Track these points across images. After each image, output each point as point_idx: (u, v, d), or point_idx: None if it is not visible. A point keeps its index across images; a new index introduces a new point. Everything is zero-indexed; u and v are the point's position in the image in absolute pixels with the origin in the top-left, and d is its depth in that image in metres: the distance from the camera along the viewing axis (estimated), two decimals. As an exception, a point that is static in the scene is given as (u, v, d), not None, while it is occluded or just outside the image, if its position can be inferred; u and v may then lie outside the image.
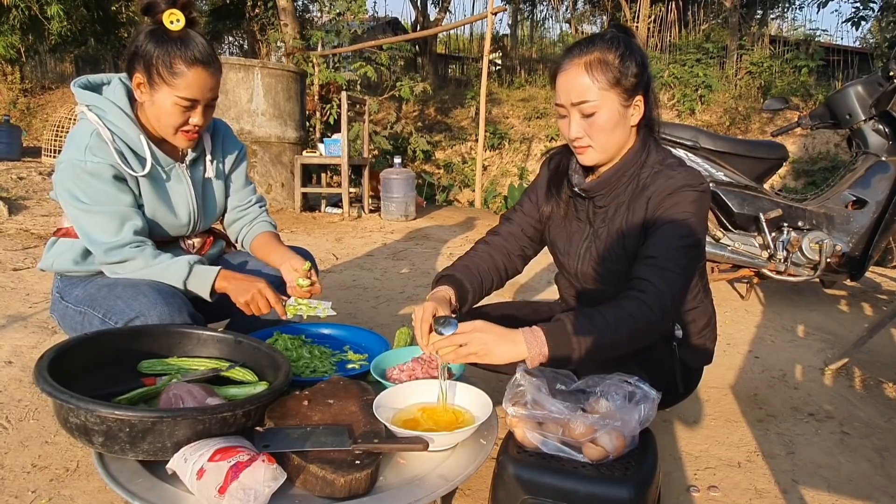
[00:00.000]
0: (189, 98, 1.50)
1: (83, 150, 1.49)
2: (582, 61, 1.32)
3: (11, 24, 8.97)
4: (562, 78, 1.36)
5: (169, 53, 1.47)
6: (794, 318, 3.09)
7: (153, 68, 1.48)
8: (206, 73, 1.50)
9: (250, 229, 1.89)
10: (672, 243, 1.29)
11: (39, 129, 9.80)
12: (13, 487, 1.39)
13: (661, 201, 1.34)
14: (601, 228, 1.46)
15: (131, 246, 1.53)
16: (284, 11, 8.24)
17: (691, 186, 1.33)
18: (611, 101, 1.32)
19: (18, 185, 5.48)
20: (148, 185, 1.60)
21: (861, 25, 8.71)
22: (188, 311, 1.55)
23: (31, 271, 3.16)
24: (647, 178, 1.39)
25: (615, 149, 1.39)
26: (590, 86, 1.31)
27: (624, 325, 1.20)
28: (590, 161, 1.41)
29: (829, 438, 1.83)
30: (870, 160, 3.12)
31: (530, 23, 14.24)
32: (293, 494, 1.03)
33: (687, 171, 1.36)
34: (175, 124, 1.54)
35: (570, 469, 1.12)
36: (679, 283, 1.27)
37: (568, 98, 1.35)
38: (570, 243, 1.54)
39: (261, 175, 6.04)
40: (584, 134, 1.36)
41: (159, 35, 1.48)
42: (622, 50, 1.32)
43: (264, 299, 1.56)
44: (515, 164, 8.44)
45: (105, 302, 1.54)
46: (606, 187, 1.43)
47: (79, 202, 1.51)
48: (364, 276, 3.64)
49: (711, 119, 7.75)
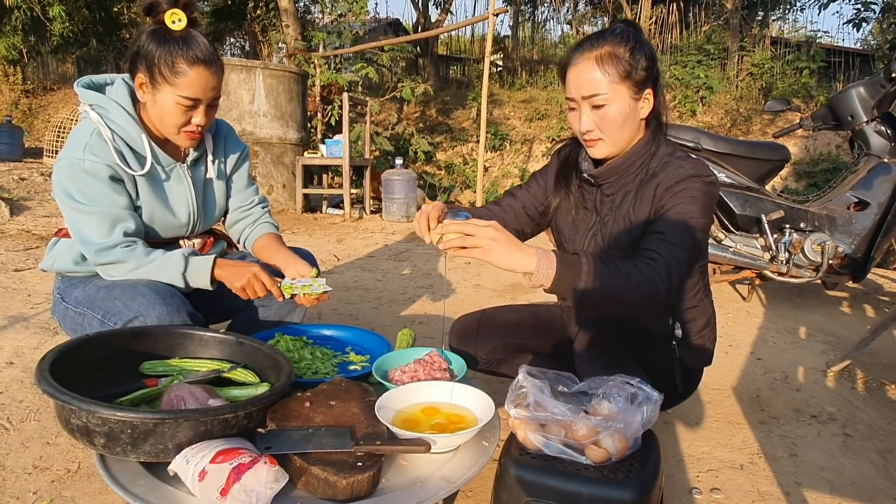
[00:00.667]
0: (191, 97, 1.50)
1: (82, 148, 1.50)
2: (592, 55, 1.34)
3: (13, 24, 8.99)
4: (572, 72, 1.37)
5: (171, 53, 1.47)
6: (796, 319, 3.08)
7: (155, 68, 1.48)
8: (207, 72, 1.51)
9: (253, 230, 1.89)
10: (679, 222, 1.30)
11: (41, 130, 9.82)
12: (14, 488, 1.39)
13: (670, 187, 1.35)
14: (608, 217, 1.47)
15: (122, 246, 1.53)
16: (286, 13, 8.24)
17: (699, 177, 1.35)
18: (621, 94, 1.34)
19: (20, 185, 5.48)
20: (147, 185, 1.60)
21: (862, 27, 8.71)
22: (187, 310, 1.54)
23: (33, 272, 3.16)
24: (655, 168, 1.40)
25: (625, 142, 1.41)
26: (601, 79, 1.33)
27: (634, 280, 1.19)
28: (600, 154, 1.42)
29: (831, 440, 1.82)
30: (872, 162, 3.11)
31: (531, 24, 14.25)
32: (295, 496, 1.03)
33: (696, 162, 1.38)
34: (177, 124, 1.54)
35: (572, 471, 1.11)
36: (685, 259, 1.27)
37: (579, 91, 1.36)
38: (575, 231, 1.55)
39: (262, 176, 6.05)
40: (594, 127, 1.37)
41: (161, 35, 1.48)
42: (632, 44, 1.34)
43: (260, 283, 1.57)
44: (517, 166, 8.43)
45: (104, 303, 1.54)
46: (615, 175, 1.44)
47: (73, 201, 1.51)
48: (365, 277, 3.64)
49: (712, 120, 7.75)
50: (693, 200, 1.32)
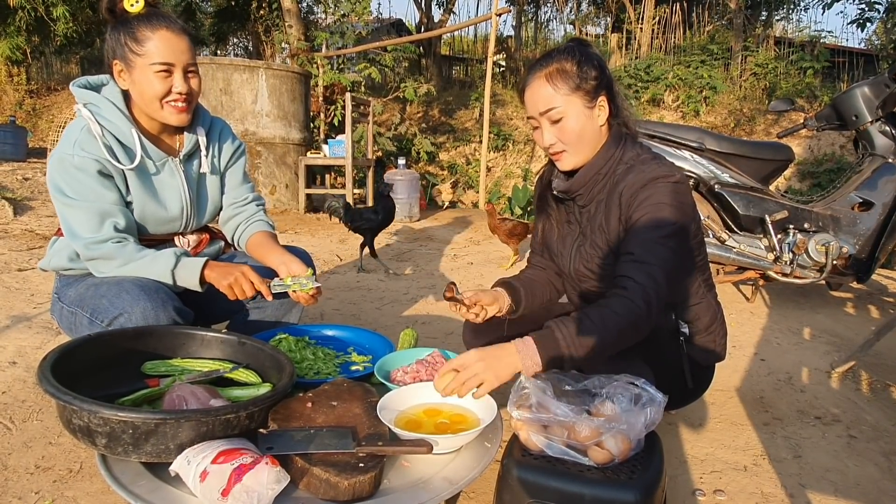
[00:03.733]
0: (163, 62, 1.52)
1: (72, 144, 1.52)
2: (542, 74, 1.42)
3: (17, 25, 9.01)
4: (528, 93, 1.46)
5: (132, 28, 1.51)
6: (799, 320, 3.07)
7: (124, 48, 1.51)
8: (171, 33, 1.52)
9: (247, 228, 1.86)
10: (647, 236, 1.33)
11: (45, 130, 9.84)
12: (17, 488, 1.39)
13: (634, 195, 1.38)
14: (587, 227, 1.52)
15: (112, 241, 1.54)
16: (289, 13, 8.25)
17: (663, 178, 1.37)
18: (574, 104, 1.41)
19: (24, 185, 5.49)
20: (137, 179, 1.60)
21: (866, 27, 8.67)
22: (173, 305, 1.53)
23: (36, 272, 3.17)
24: (620, 175, 1.44)
25: (589, 149, 1.46)
26: (553, 94, 1.41)
27: (611, 322, 1.24)
28: (567, 166, 1.48)
29: (836, 442, 1.81)
30: (876, 162, 3.10)
31: (534, 24, 14.22)
32: (296, 497, 1.03)
33: (659, 164, 1.41)
34: (158, 95, 1.54)
35: (575, 472, 1.11)
36: (660, 273, 1.30)
37: (535, 109, 1.44)
38: (563, 245, 1.61)
39: (265, 176, 6.05)
40: (556, 140, 1.44)
41: (122, 21, 1.52)
42: (578, 57, 1.41)
43: (248, 282, 1.56)
44: (519, 166, 8.42)
45: (92, 301, 1.54)
46: (583, 186, 1.49)
47: (63, 196, 1.52)
48: (368, 277, 3.64)
49: (716, 121, 7.72)
50: (658, 207, 1.35)
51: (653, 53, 9.45)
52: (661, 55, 9.22)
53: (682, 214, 1.37)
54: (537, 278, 1.71)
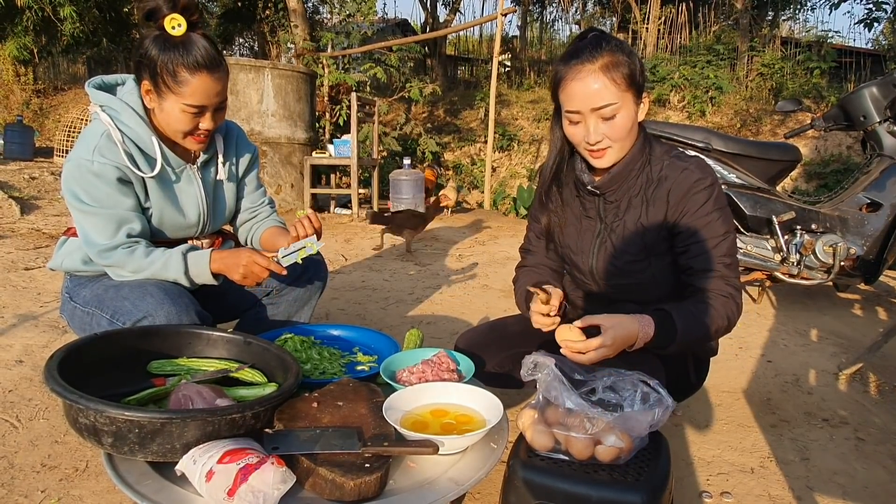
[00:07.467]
0: (196, 105, 1.50)
1: (91, 150, 1.50)
2: (596, 66, 1.31)
3: (24, 25, 9.06)
4: (576, 85, 1.33)
5: (172, 61, 1.46)
6: (807, 322, 3.06)
7: (158, 77, 1.48)
8: (210, 78, 1.49)
9: (259, 226, 1.91)
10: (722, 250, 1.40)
11: (52, 130, 9.87)
12: (23, 486, 1.39)
13: (681, 200, 1.39)
14: (615, 223, 1.48)
15: (122, 248, 1.54)
16: (295, 13, 8.26)
17: (704, 185, 1.39)
18: (628, 101, 1.34)
19: (31, 185, 5.52)
20: (157, 186, 1.60)
21: (874, 27, 8.64)
22: (195, 309, 1.55)
23: (43, 271, 3.18)
24: (660, 171, 1.43)
25: (629, 145, 1.42)
26: (611, 89, 1.31)
27: (715, 322, 1.36)
28: (607, 163, 1.41)
29: (843, 444, 1.80)
30: (885, 162, 3.08)
31: (540, 24, 14.21)
32: (302, 497, 1.02)
33: (696, 162, 1.43)
34: (185, 130, 1.54)
35: (581, 474, 1.10)
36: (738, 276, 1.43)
37: (586, 104, 1.33)
38: (581, 241, 1.55)
39: (270, 176, 6.06)
40: (603, 137, 1.36)
41: (161, 41, 1.47)
42: (627, 50, 1.35)
43: (258, 266, 1.56)
44: (524, 166, 8.41)
45: (112, 303, 1.54)
46: (617, 183, 1.45)
47: (80, 202, 1.51)
48: (373, 277, 3.64)
49: (722, 121, 7.69)
50: (712, 220, 1.39)
51: (658, 53, 9.42)
52: (666, 55, 9.19)
53: (729, 218, 1.44)
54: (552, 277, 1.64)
